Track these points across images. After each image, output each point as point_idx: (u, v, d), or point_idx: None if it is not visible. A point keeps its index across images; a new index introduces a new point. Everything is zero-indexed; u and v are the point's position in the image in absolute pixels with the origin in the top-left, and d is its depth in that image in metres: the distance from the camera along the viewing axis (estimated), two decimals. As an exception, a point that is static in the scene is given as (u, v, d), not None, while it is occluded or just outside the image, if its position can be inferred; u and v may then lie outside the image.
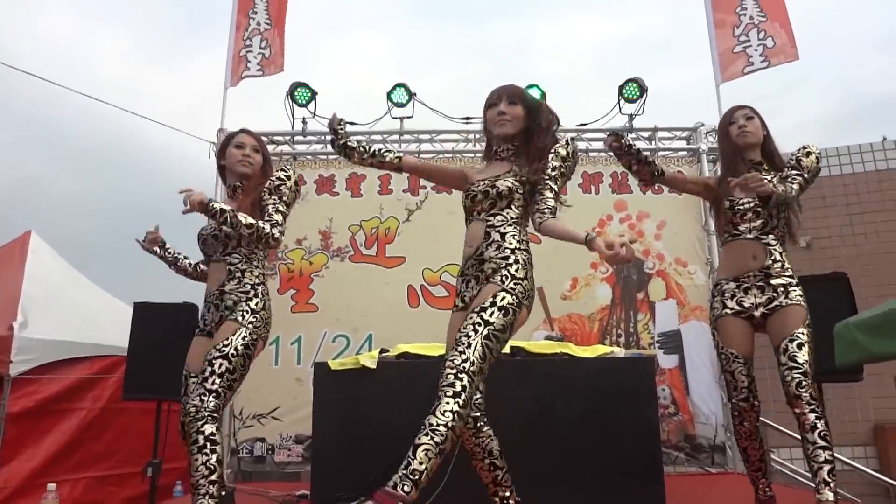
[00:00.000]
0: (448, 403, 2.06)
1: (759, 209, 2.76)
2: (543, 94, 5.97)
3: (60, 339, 5.31)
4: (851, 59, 21.27)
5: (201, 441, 2.33)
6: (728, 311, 2.72)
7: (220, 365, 2.42)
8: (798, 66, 5.81)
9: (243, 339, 2.51)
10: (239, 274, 2.68)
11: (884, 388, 5.08)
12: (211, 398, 2.36)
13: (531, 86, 5.96)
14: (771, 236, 2.79)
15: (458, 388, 2.07)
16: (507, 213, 2.40)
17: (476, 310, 2.19)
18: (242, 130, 2.94)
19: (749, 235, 2.77)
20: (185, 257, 3.20)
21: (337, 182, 6.06)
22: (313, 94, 6.02)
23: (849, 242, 7.52)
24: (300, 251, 5.83)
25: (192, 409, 2.36)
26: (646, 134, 6.20)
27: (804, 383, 2.50)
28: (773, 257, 2.76)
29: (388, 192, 6.03)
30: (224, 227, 2.59)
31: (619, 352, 4.36)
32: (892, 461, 6.67)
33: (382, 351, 4.21)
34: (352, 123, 6.19)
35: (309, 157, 6.23)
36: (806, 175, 2.71)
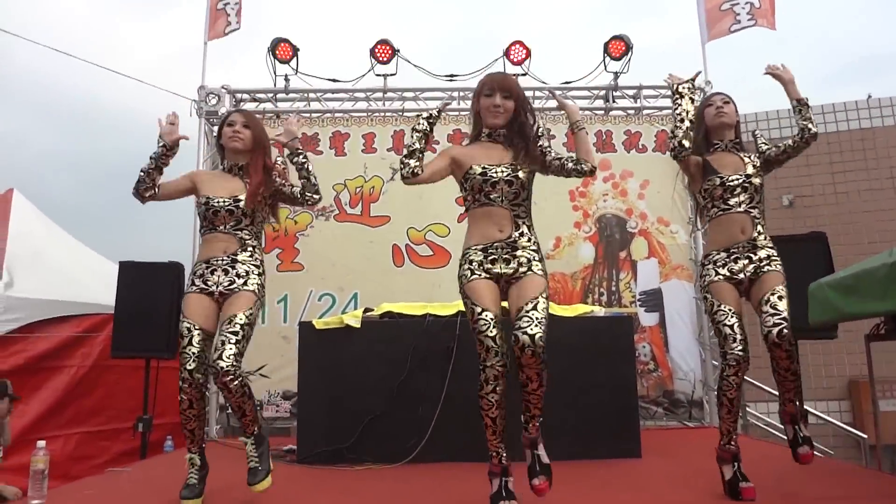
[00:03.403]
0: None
1: (746, 185, 2.91)
2: (528, 52, 5.92)
3: (47, 297, 5.33)
4: (836, 15, 21.05)
5: (247, 391, 2.75)
6: (720, 277, 2.87)
7: (247, 330, 2.77)
8: (783, 24, 5.79)
9: (258, 308, 2.86)
10: (250, 248, 2.90)
11: (858, 345, 5.20)
12: (240, 357, 2.73)
13: (516, 42, 5.92)
14: (756, 210, 2.93)
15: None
16: (527, 205, 2.74)
17: (536, 296, 2.55)
18: (233, 110, 3.09)
19: (739, 209, 2.90)
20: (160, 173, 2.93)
21: (321, 140, 6.02)
22: (295, 50, 5.92)
23: (831, 201, 7.60)
24: (285, 210, 5.78)
25: (231, 367, 2.66)
26: (631, 92, 6.17)
27: (784, 331, 2.65)
28: (757, 229, 2.90)
29: (373, 150, 6.00)
30: (240, 205, 2.86)
31: (599, 311, 4.44)
32: (864, 415, 6.89)
33: (366, 310, 4.26)
34: (334, 80, 6.13)
35: (292, 114, 6.16)
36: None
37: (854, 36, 20.62)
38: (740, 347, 2.73)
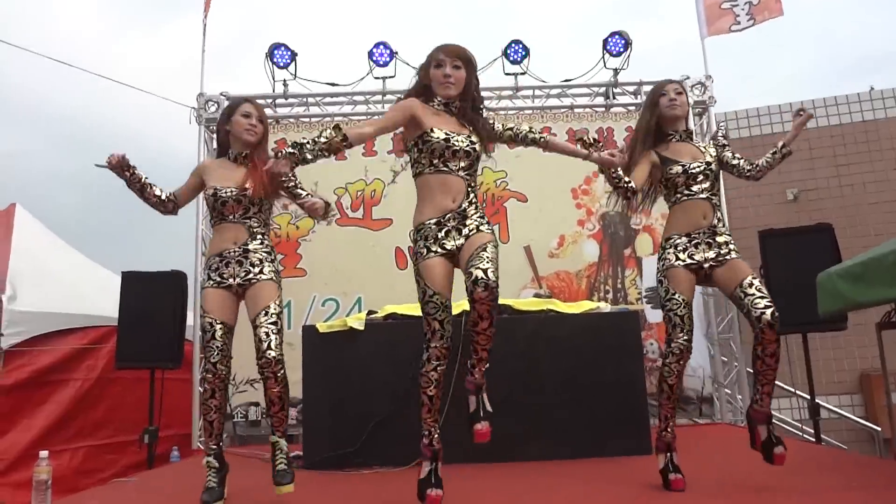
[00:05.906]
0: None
1: (707, 172, 2.94)
2: (527, 51, 5.90)
3: (50, 310, 5.31)
4: (836, 10, 20.99)
5: (287, 383, 2.83)
6: (679, 262, 2.88)
7: (281, 318, 2.85)
8: (785, 19, 5.75)
9: (280, 295, 2.93)
10: (259, 236, 2.94)
11: (869, 338, 5.16)
12: (282, 346, 2.81)
13: (514, 42, 5.89)
14: (716, 198, 2.96)
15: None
16: (476, 176, 2.75)
17: (485, 243, 2.58)
18: (247, 100, 3.05)
19: (702, 196, 2.93)
20: (153, 185, 2.97)
21: (321, 145, 6.00)
22: (293, 55, 5.92)
23: (835, 194, 7.55)
24: (287, 216, 5.81)
25: (281, 357, 2.76)
26: (631, 89, 6.14)
27: (776, 313, 2.63)
28: (717, 216, 2.93)
29: (373, 154, 5.98)
30: (247, 195, 2.85)
31: (605, 307, 4.39)
32: (877, 408, 6.81)
33: (370, 312, 4.23)
34: (333, 84, 6.12)
35: (291, 119, 6.16)
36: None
37: (854, 31, 20.57)
38: (686, 338, 2.79)
